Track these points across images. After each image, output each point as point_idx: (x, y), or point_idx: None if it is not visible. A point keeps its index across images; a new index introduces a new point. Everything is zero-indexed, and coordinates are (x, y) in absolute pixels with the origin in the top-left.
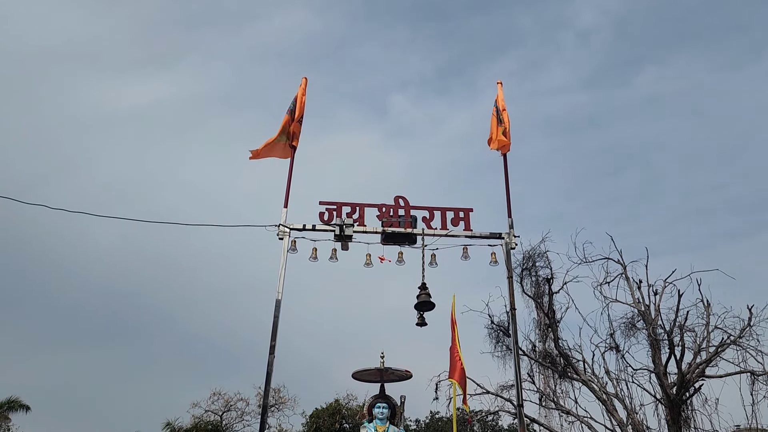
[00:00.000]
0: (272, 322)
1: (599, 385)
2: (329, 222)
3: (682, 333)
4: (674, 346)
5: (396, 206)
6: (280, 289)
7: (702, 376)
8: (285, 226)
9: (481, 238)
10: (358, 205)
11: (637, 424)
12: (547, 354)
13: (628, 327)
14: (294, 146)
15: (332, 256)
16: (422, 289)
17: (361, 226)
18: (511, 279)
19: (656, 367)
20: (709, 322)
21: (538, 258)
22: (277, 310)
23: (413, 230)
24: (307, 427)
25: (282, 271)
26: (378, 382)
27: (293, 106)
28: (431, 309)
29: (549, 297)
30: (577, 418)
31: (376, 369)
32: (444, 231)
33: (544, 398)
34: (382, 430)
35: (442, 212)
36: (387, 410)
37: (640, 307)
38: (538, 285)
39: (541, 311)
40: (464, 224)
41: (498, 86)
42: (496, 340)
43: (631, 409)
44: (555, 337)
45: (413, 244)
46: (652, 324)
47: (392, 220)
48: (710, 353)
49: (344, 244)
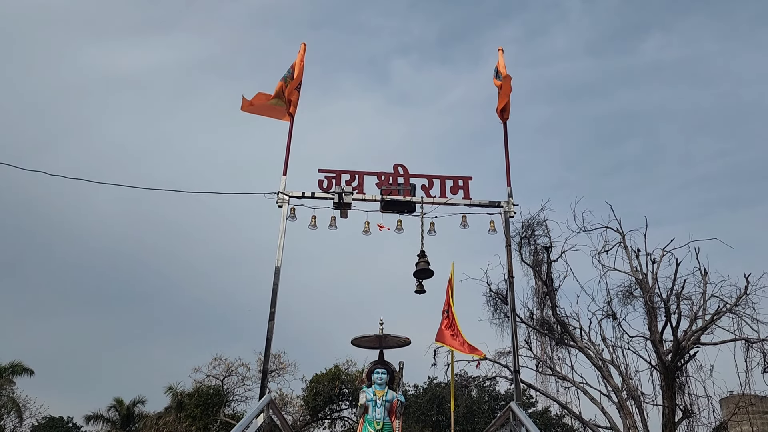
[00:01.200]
0: (272, 289)
1: (595, 351)
2: (328, 190)
3: (678, 301)
4: (670, 314)
5: (395, 174)
6: (280, 256)
7: (697, 343)
8: (284, 193)
9: (480, 206)
10: (357, 173)
11: (632, 389)
12: (545, 321)
13: (625, 295)
14: (292, 114)
15: (331, 223)
16: (421, 257)
17: (360, 194)
18: (510, 248)
19: (652, 335)
20: (706, 291)
21: (537, 226)
22: (276, 277)
23: (412, 198)
24: (307, 391)
25: (281, 239)
26: (377, 349)
27: (290, 73)
28: (430, 276)
29: (547, 265)
30: (572, 383)
31: (375, 335)
32: (443, 199)
33: (541, 365)
34: (381, 395)
35: (441, 180)
36: (386, 376)
37: (638, 275)
38: (536, 253)
39: (540, 279)
40: (463, 192)
41: (499, 53)
42: (494, 308)
43: (626, 376)
44: (552, 305)
45: (412, 212)
46: (649, 292)
47: (391, 188)
48: (706, 321)
49: (343, 212)
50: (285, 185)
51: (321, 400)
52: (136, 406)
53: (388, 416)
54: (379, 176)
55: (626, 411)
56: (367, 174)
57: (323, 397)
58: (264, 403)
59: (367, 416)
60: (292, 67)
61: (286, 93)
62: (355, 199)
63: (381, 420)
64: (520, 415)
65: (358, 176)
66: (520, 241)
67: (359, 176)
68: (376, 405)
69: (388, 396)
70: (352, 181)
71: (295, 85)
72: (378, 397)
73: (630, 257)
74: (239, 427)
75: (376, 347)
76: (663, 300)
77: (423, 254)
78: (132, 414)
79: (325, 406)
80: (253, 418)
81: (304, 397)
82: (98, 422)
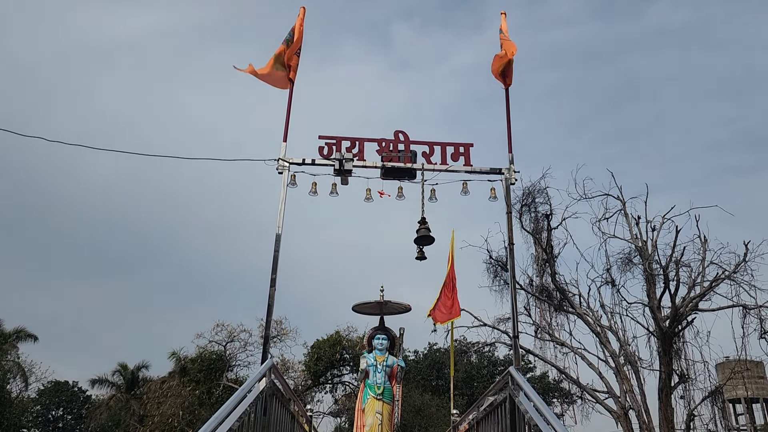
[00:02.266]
0: (272, 256)
1: (594, 318)
2: (329, 156)
3: (677, 268)
4: (669, 281)
5: (396, 141)
6: (280, 223)
7: (695, 309)
8: (284, 160)
9: (481, 173)
10: (357, 140)
11: (629, 355)
12: (544, 288)
13: (624, 262)
14: (291, 79)
15: (332, 190)
16: (422, 224)
17: (361, 160)
18: (510, 215)
19: (650, 301)
20: (705, 258)
21: (537, 194)
22: (277, 244)
23: (413, 165)
24: (309, 357)
25: (282, 206)
26: (377, 315)
27: (291, 36)
28: (431, 243)
29: (547, 232)
30: (571, 349)
31: (376, 302)
32: (444, 166)
33: (540, 331)
34: (382, 360)
35: (442, 147)
36: (386, 341)
37: (638, 242)
38: (536, 221)
39: (540, 246)
40: (464, 159)
41: (502, 17)
42: (494, 275)
43: (624, 341)
44: (552, 272)
45: (413, 178)
46: (649, 259)
47: (392, 155)
48: (704, 288)
49: (344, 179)
50: (285, 152)
51: (322, 365)
52: (140, 371)
53: (388, 381)
54: (380, 143)
55: (623, 376)
56: (368, 140)
57: (324, 362)
58: (266, 368)
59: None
60: (292, 30)
61: (285, 58)
62: (356, 166)
63: (381, 384)
64: (518, 379)
65: (359, 143)
66: (521, 208)
67: (360, 143)
68: (377, 370)
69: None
70: (353, 148)
71: (294, 49)
72: (379, 362)
73: (630, 224)
74: (242, 391)
75: (376, 313)
76: (662, 267)
77: (424, 221)
78: (136, 378)
79: (327, 371)
80: (256, 382)
81: (306, 362)
82: (103, 386)
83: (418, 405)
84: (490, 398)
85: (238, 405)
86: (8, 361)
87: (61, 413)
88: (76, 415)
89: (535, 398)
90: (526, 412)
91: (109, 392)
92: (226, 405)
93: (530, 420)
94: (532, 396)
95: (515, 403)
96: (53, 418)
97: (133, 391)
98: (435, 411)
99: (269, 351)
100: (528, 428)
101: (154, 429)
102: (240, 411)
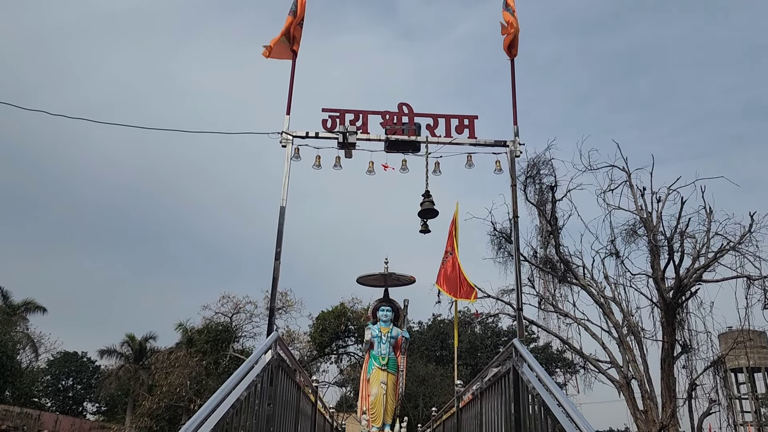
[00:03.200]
0: (277, 229)
1: (597, 289)
2: (332, 129)
3: (682, 239)
4: (673, 252)
5: (400, 113)
6: (284, 196)
7: (699, 280)
8: (287, 133)
9: (485, 146)
10: (361, 112)
11: (632, 325)
12: (548, 260)
13: (629, 234)
14: (295, 51)
15: (336, 163)
16: (426, 197)
17: (365, 133)
18: (515, 188)
19: (654, 273)
20: (710, 229)
21: (542, 166)
22: (281, 217)
23: (417, 138)
24: (314, 328)
25: (285, 179)
26: (382, 287)
27: (294, 7)
28: (435, 216)
29: (552, 204)
30: (574, 320)
31: (381, 274)
32: (448, 139)
33: (543, 302)
34: (386, 331)
35: (446, 120)
36: (391, 313)
37: (642, 214)
38: (541, 192)
39: (544, 218)
40: (469, 132)
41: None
42: (498, 247)
43: (627, 312)
44: (556, 244)
45: (417, 152)
46: (653, 231)
47: (396, 128)
48: (709, 259)
49: (347, 152)
50: (288, 125)
51: (327, 337)
52: (148, 342)
53: (393, 352)
54: (384, 115)
55: (626, 346)
56: (372, 113)
57: (329, 333)
58: (272, 340)
59: (372, 352)
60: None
61: (292, 29)
62: (360, 139)
63: (386, 355)
64: (522, 351)
65: (363, 115)
66: (525, 180)
67: (363, 115)
68: (382, 341)
69: (393, 332)
70: (357, 121)
71: (297, 20)
72: (383, 333)
73: (635, 196)
74: (248, 363)
75: (381, 285)
76: (667, 238)
77: (428, 194)
78: (144, 349)
79: (332, 341)
80: (262, 354)
81: (311, 333)
82: (112, 356)
83: (422, 375)
84: (494, 369)
85: (246, 376)
86: (18, 333)
87: (71, 383)
88: (85, 385)
89: (538, 369)
90: (529, 383)
91: (117, 363)
92: (234, 376)
93: (533, 390)
94: (535, 367)
95: (519, 374)
96: (63, 388)
97: (141, 361)
98: (439, 381)
99: (275, 324)
100: (531, 398)
101: (162, 398)
102: (247, 382)
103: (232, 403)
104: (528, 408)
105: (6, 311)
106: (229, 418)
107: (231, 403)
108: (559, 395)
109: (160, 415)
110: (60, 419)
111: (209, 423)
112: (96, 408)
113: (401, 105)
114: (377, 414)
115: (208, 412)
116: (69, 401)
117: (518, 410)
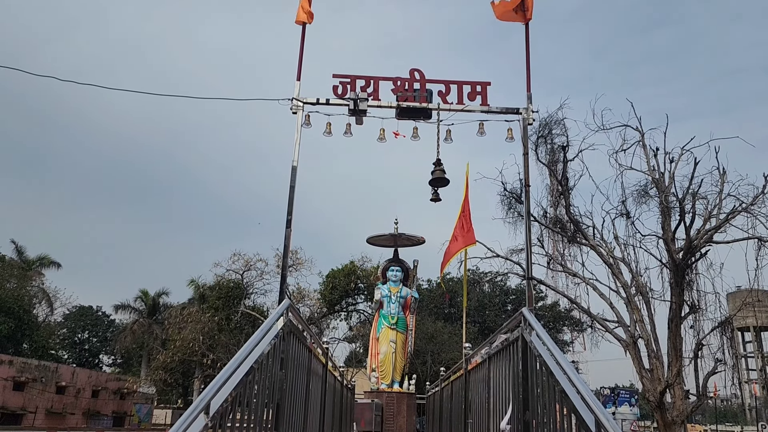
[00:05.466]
0: (288, 200)
1: (607, 250)
2: (343, 96)
3: (694, 200)
4: (685, 213)
5: (411, 80)
6: (296, 160)
7: (709, 242)
8: (298, 100)
9: (498, 113)
10: (372, 79)
11: (640, 286)
12: (558, 220)
13: (640, 194)
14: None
15: (347, 130)
16: (437, 166)
17: (376, 100)
18: (527, 156)
19: (665, 233)
20: (723, 190)
21: (554, 125)
22: (291, 193)
23: (428, 105)
24: (324, 286)
25: (296, 147)
26: (392, 247)
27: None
28: (445, 185)
29: (563, 164)
30: (582, 280)
31: (390, 234)
32: (460, 106)
33: (552, 261)
34: (396, 290)
35: (458, 86)
36: (400, 273)
37: (655, 174)
38: (552, 152)
39: (554, 179)
40: (481, 99)
41: None
42: (508, 207)
43: (636, 272)
44: (567, 204)
45: (428, 119)
46: (665, 191)
47: (407, 95)
48: (720, 220)
49: (358, 119)
50: (299, 91)
51: (337, 294)
52: (161, 297)
53: (402, 311)
54: (395, 82)
55: (634, 306)
56: (383, 79)
57: (339, 291)
58: (284, 308)
59: (382, 311)
60: None
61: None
62: (371, 106)
63: (395, 315)
64: (531, 320)
65: (374, 82)
66: (537, 140)
67: (374, 82)
68: (391, 301)
69: (403, 292)
70: (367, 87)
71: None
72: (393, 293)
73: (648, 156)
74: (261, 332)
75: (391, 246)
76: (678, 199)
77: (439, 162)
78: (157, 304)
79: (341, 299)
80: (274, 321)
81: (321, 291)
82: (126, 311)
83: (430, 332)
84: (503, 336)
85: (261, 341)
86: (33, 287)
87: (86, 336)
88: (101, 338)
89: (546, 339)
90: (535, 349)
91: (131, 317)
92: (248, 344)
93: (540, 357)
94: (543, 337)
95: (527, 342)
96: (79, 341)
97: (155, 316)
98: (447, 338)
99: (286, 290)
100: (538, 365)
101: (176, 352)
102: (262, 347)
103: (246, 371)
104: (535, 376)
105: (21, 266)
106: (243, 386)
107: (245, 371)
108: (565, 364)
109: (174, 368)
110: (77, 371)
111: (226, 388)
112: (112, 360)
113: (413, 71)
114: (386, 372)
115: (225, 379)
116: (85, 354)
117: (526, 377)
